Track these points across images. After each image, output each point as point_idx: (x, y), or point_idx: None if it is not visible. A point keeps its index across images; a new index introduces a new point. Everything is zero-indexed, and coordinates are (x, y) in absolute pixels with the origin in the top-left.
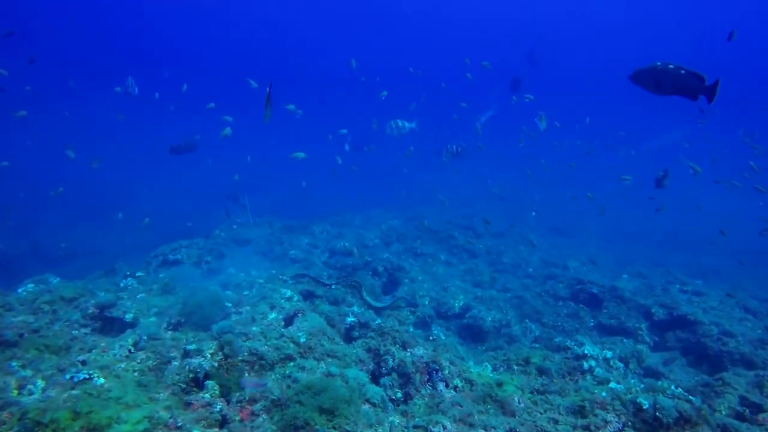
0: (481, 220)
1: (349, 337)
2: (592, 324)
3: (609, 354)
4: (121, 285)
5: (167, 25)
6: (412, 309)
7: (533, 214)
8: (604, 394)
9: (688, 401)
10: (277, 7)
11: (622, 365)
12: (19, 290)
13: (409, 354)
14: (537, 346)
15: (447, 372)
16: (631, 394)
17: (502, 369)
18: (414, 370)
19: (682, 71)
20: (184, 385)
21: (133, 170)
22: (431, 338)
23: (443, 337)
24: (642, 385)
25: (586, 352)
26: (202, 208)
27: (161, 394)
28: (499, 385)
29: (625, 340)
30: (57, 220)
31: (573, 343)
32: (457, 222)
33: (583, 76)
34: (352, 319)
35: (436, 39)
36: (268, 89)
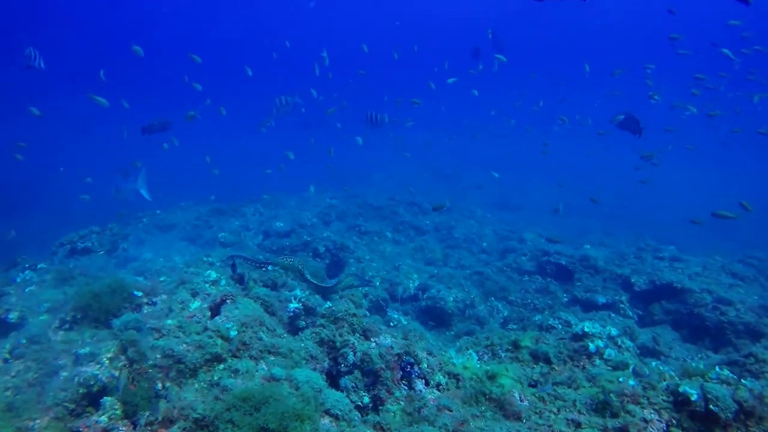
0: (425, 196)
1: (294, 328)
2: (566, 299)
3: (614, 331)
4: (17, 280)
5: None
6: (365, 290)
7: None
8: (632, 382)
9: (745, 387)
10: None
11: (632, 344)
12: None
13: (374, 345)
14: (513, 327)
15: (425, 366)
16: (665, 380)
17: (486, 357)
18: (383, 366)
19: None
20: (72, 405)
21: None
22: (392, 324)
23: (405, 323)
24: (666, 368)
25: (586, 329)
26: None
27: (38, 421)
28: (492, 378)
29: (613, 315)
30: None
31: (557, 322)
32: (400, 198)
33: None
34: (296, 305)
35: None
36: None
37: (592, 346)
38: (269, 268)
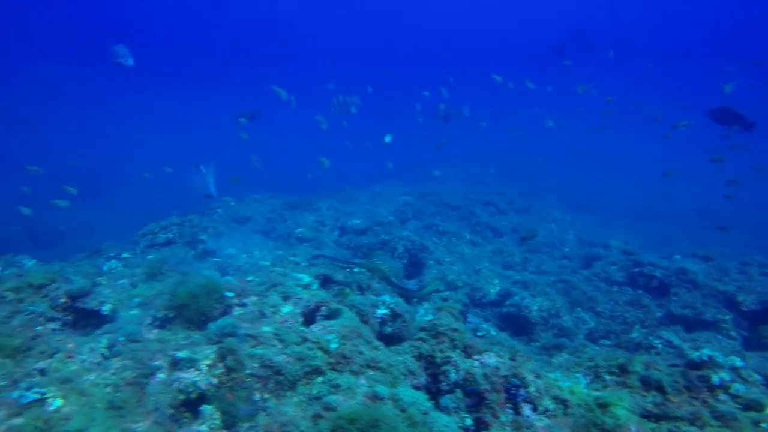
0: (501, 196)
1: (381, 334)
2: (659, 314)
3: (738, 362)
4: (104, 268)
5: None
6: (445, 294)
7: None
8: None
9: None
10: None
11: (759, 377)
12: None
13: (477, 364)
14: (607, 343)
15: (533, 389)
16: None
17: (588, 379)
18: (489, 387)
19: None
20: (171, 411)
21: (124, 147)
22: (479, 334)
23: (494, 333)
24: None
25: (705, 357)
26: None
27: (140, 424)
28: (603, 406)
29: (719, 337)
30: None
31: (658, 341)
32: (476, 197)
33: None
34: (384, 311)
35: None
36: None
37: (715, 378)
38: (355, 269)
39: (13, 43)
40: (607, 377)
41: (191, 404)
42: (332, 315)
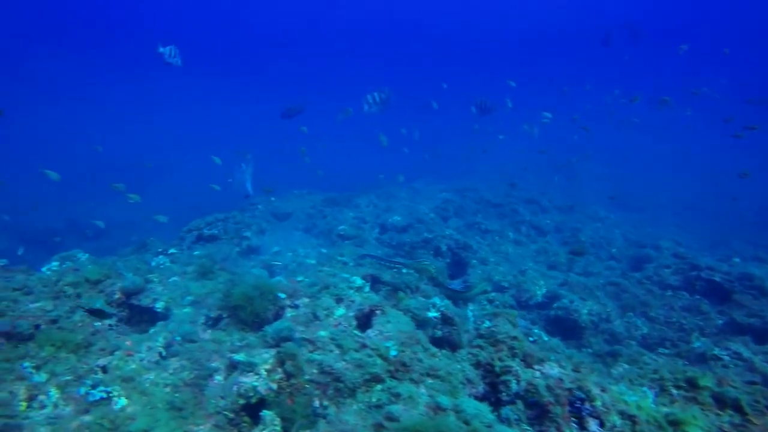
0: (544, 193)
1: (432, 338)
2: (720, 322)
3: None
4: (153, 264)
5: None
6: (491, 296)
7: None
8: None
9: None
10: None
11: None
12: (43, 269)
13: (539, 374)
14: (665, 352)
15: (599, 403)
16: None
17: (653, 393)
18: (552, 400)
19: None
20: (231, 415)
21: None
22: (531, 339)
23: (546, 339)
24: None
25: None
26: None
27: (202, 427)
28: (675, 424)
29: None
30: (92, 196)
31: (725, 353)
32: (518, 194)
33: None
34: (435, 313)
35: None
36: None
37: None
38: (403, 270)
39: (15, 39)
40: (675, 392)
41: (251, 409)
42: (388, 319)
